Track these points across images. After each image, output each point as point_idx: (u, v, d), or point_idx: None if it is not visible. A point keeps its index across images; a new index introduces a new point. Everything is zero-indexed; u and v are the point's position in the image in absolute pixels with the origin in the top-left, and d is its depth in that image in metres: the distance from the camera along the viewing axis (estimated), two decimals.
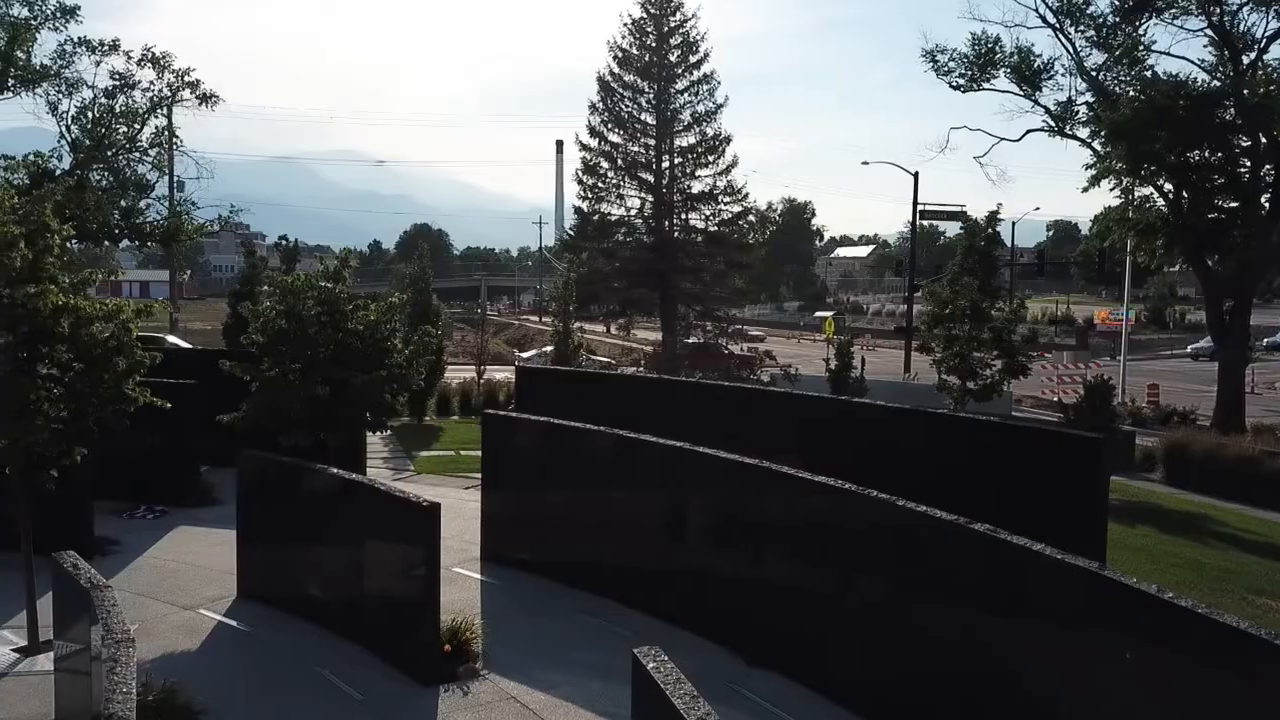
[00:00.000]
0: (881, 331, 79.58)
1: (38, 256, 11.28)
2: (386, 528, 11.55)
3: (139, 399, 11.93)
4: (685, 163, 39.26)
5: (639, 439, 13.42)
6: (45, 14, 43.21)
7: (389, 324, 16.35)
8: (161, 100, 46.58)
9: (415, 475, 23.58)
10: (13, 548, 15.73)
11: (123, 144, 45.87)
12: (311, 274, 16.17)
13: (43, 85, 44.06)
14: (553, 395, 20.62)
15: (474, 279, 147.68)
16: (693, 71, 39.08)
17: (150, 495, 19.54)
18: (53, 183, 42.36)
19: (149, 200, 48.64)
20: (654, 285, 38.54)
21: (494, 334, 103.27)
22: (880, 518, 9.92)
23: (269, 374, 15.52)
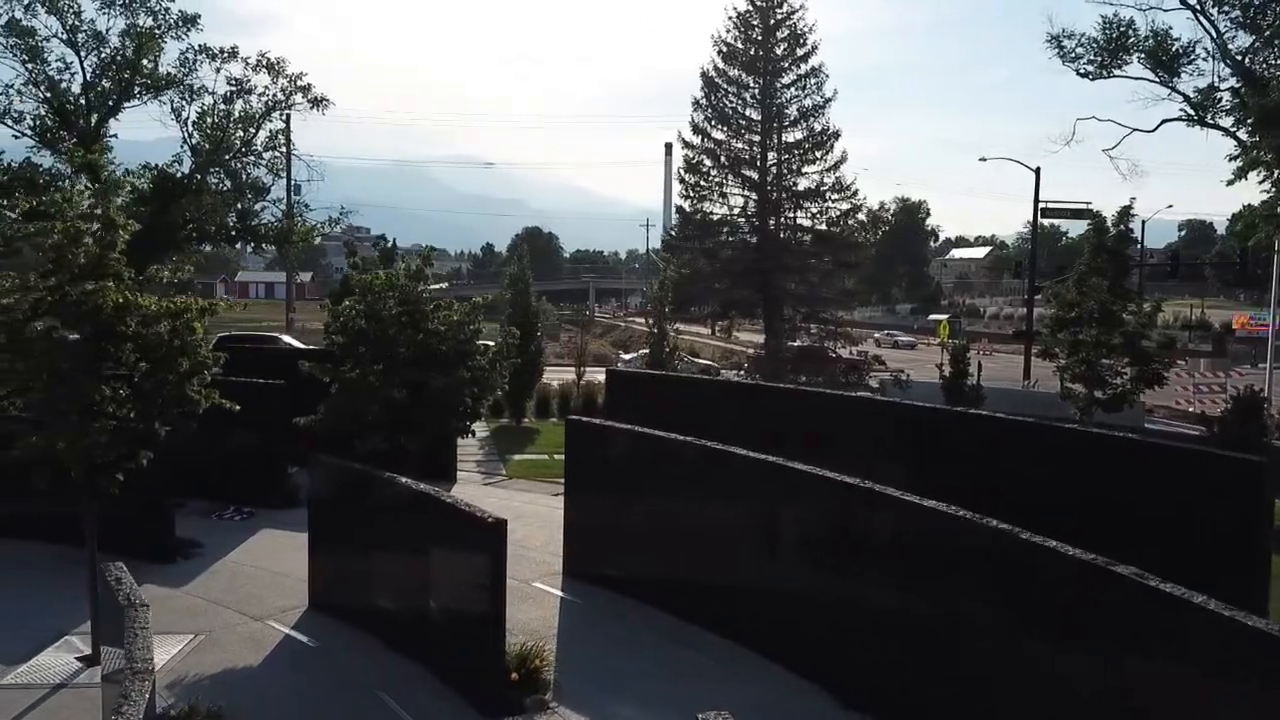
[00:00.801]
0: (999, 335, 76.30)
1: (103, 252, 10.90)
2: (453, 543, 10.77)
3: (202, 401, 11.43)
4: (791, 159, 37.87)
5: (729, 451, 12.33)
6: (168, 23, 44.71)
7: (472, 325, 15.68)
8: (276, 104, 47.69)
9: (506, 480, 22.98)
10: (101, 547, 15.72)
11: (239, 148, 47.20)
12: (393, 273, 15.61)
13: (167, 93, 45.71)
14: (643, 400, 19.64)
15: (582, 281, 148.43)
16: (800, 65, 37.69)
17: (239, 496, 19.39)
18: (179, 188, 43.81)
19: (265, 203, 50.10)
20: (757, 286, 37.26)
21: (600, 335, 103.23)
22: (1000, 550, 8.62)
23: (348, 375, 15.02)
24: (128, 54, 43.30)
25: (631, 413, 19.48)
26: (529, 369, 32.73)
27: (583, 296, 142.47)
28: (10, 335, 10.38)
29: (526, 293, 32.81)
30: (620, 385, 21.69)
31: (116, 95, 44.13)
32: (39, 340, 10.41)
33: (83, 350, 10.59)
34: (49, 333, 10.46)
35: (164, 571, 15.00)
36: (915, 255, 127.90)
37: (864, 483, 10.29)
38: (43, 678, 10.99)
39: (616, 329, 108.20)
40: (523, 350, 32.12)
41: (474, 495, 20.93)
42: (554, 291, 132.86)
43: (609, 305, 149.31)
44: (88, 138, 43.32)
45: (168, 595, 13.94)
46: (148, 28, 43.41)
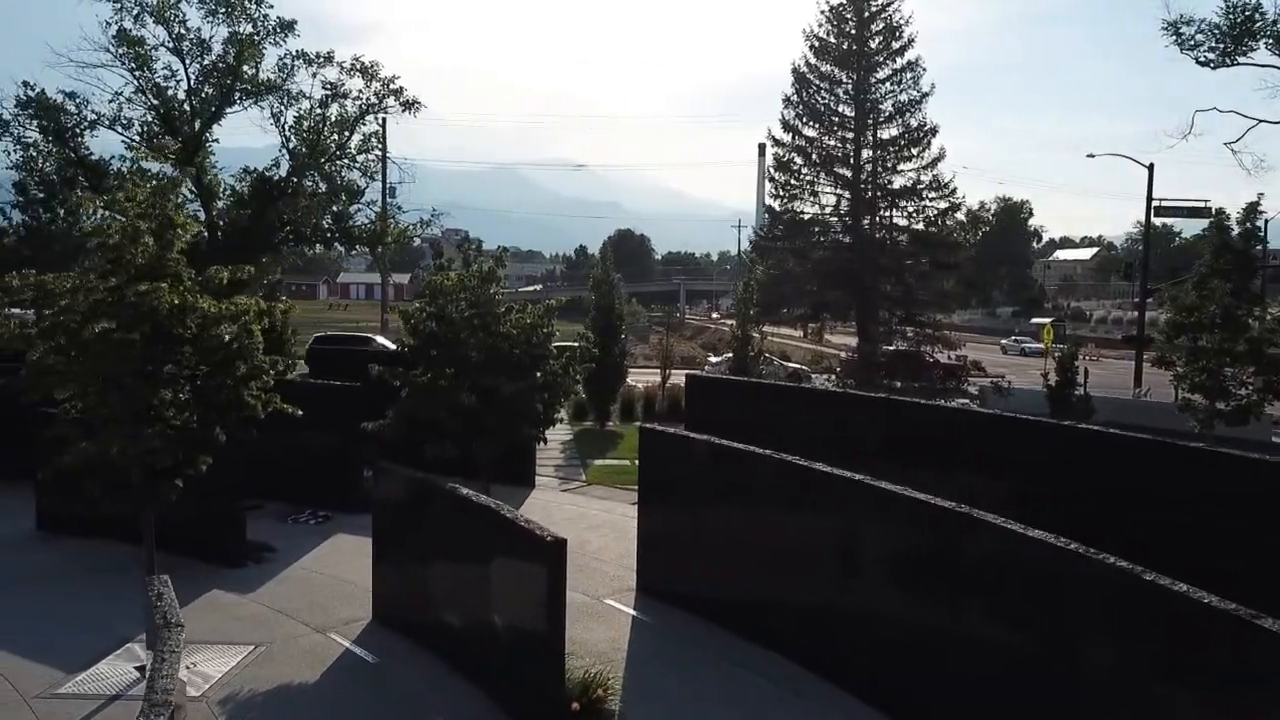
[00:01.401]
0: (1107, 340, 73.03)
1: (161, 252, 10.61)
2: (512, 560, 10.15)
3: (259, 407, 11.06)
4: (886, 156, 36.48)
5: (811, 468, 11.43)
6: (267, 29, 45.64)
7: (545, 328, 15.12)
8: (369, 108, 48.32)
9: (584, 486, 22.38)
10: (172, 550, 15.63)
11: (333, 151, 47.93)
12: (464, 273, 15.14)
13: (267, 98, 46.69)
14: (724, 408, 18.76)
15: (673, 283, 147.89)
16: (895, 59, 36.27)
17: (316, 499, 19.21)
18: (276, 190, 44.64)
19: (359, 205, 50.82)
20: (850, 287, 36.00)
21: (690, 337, 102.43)
22: (1119, 592, 7.58)
23: (418, 379, 14.60)
24: (229, 61, 44.43)
25: (712, 420, 18.67)
26: (613, 372, 32.19)
27: (674, 298, 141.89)
28: (68, 337, 10.16)
29: (610, 294, 32.25)
30: (701, 391, 20.81)
31: (218, 101, 45.24)
32: (95, 342, 10.17)
33: (139, 353, 10.31)
34: (105, 335, 10.21)
35: (234, 577, 14.79)
36: (1017, 256, 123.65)
37: (958, 507, 9.31)
38: (98, 688, 10.74)
39: (707, 331, 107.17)
40: (606, 353, 31.64)
41: (550, 502, 20.45)
42: (645, 293, 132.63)
43: (700, 307, 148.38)
44: (191, 143, 44.59)
45: (234, 602, 13.69)
46: (247, 34, 44.49)
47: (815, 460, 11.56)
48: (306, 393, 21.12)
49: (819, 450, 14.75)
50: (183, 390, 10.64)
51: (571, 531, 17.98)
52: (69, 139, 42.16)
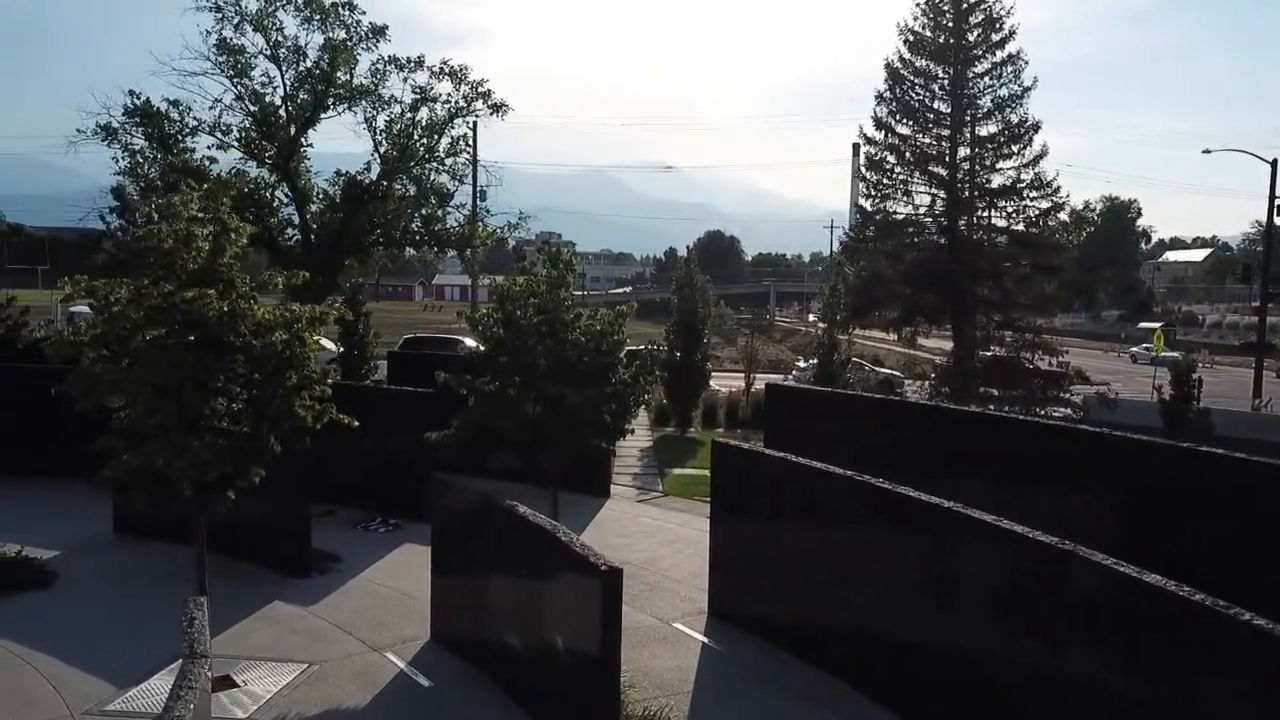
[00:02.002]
0: (1221, 347, 69.27)
1: (213, 257, 10.28)
2: (567, 586, 9.48)
3: (308, 418, 10.63)
4: (984, 154, 34.75)
5: (895, 492, 10.49)
6: (359, 35, 46.27)
7: (615, 335, 14.47)
8: (458, 111, 48.62)
9: (661, 497, 21.66)
10: (241, 556, 15.45)
11: (422, 155, 48.34)
12: (534, 278, 14.58)
13: (360, 103, 47.34)
14: (806, 420, 17.76)
15: (763, 285, 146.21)
16: (995, 52, 34.55)
17: (387, 506, 18.95)
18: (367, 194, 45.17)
19: (448, 209, 51.17)
20: (944, 291, 34.42)
21: (779, 340, 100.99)
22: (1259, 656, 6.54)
23: (486, 387, 14.10)
24: (324, 66, 45.16)
25: (793, 433, 17.78)
26: (695, 377, 31.46)
27: (763, 300, 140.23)
28: (118, 345, 9.89)
29: (693, 298, 31.49)
30: (781, 401, 19.72)
31: (312, 107, 46.06)
32: (146, 350, 9.87)
33: (190, 361, 9.98)
34: (156, 342, 9.91)
35: (297, 587, 14.50)
36: (1124, 258, 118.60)
37: (1060, 543, 8.29)
38: (146, 705, 10.45)
39: (796, 334, 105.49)
40: (688, 358, 30.92)
41: (624, 514, 19.79)
42: (734, 295, 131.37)
43: (791, 309, 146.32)
44: (287, 148, 45.45)
45: (294, 615, 13.37)
46: (341, 40, 45.13)
47: (906, 480, 10.63)
48: (379, 398, 21.02)
49: (910, 468, 13.80)
50: (237, 399, 10.29)
51: (644, 546, 17.37)
52: (172, 145, 43.49)
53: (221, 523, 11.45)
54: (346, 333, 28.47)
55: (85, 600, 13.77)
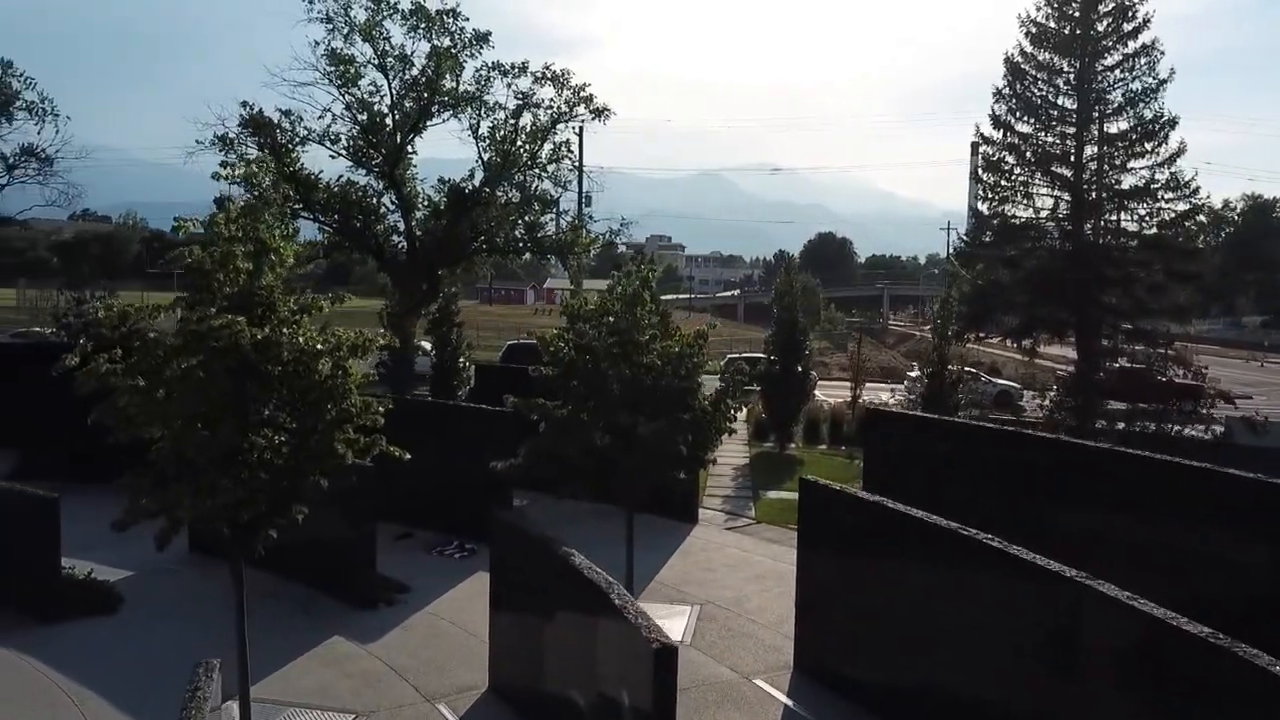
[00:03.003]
0: None
1: (250, 281, 9.57)
2: (620, 652, 8.40)
3: (349, 454, 9.81)
4: (1113, 153, 32.26)
5: (1007, 553, 9.06)
6: (463, 42, 46.35)
7: (695, 357, 13.32)
8: (560, 117, 48.27)
9: (752, 525, 20.35)
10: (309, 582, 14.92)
11: (525, 161, 48.11)
12: (610, 294, 13.54)
13: (465, 110, 47.45)
14: (911, 452, 16.18)
15: (876, 288, 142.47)
16: (1126, 43, 32.05)
17: (465, 529, 18.23)
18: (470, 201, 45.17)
19: (551, 215, 50.86)
20: (1067, 300, 32.08)
21: (893, 345, 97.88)
22: None
23: (556, 412, 13.14)
24: (429, 74, 45.38)
25: (895, 462, 16.36)
26: (796, 390, 29.98)
27: (876, 303, 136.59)
28: (150, 375, 9.26)
29: (794, 306, 30.02)
30: (882, 428, 17.89)
31: (418, 114, 46.36)
32: (177, 381, 9.22)
33: (226, 391, 9.28)
34: (189, 372, 9.25)
35: (360, 621, 13.83)
36: (1268, 261, 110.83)
37: (1214, 636, 6.80)
38: None
39: (910, 338, 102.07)
40: (789, 370, 29.49)
41: (710, 543, 18.58)
42: (845, 299, 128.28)
43: (905, 312, 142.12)
44: (393, 156, 45.81)
45: (351, 654, 12.67)
46: (445, 48, 45.26)
47: (1021, 521, 9.23)
48: (457, 416, 20.35)
49: (1025, 508, 12.33)
50: (280, 431, 9.57)
51: (730, 582, 16.16)
52: (283, 155, 44.31)
53: (288, 543, 10.76)
54: (439, 343, 28.12)
55: (146, 630, 13.39)
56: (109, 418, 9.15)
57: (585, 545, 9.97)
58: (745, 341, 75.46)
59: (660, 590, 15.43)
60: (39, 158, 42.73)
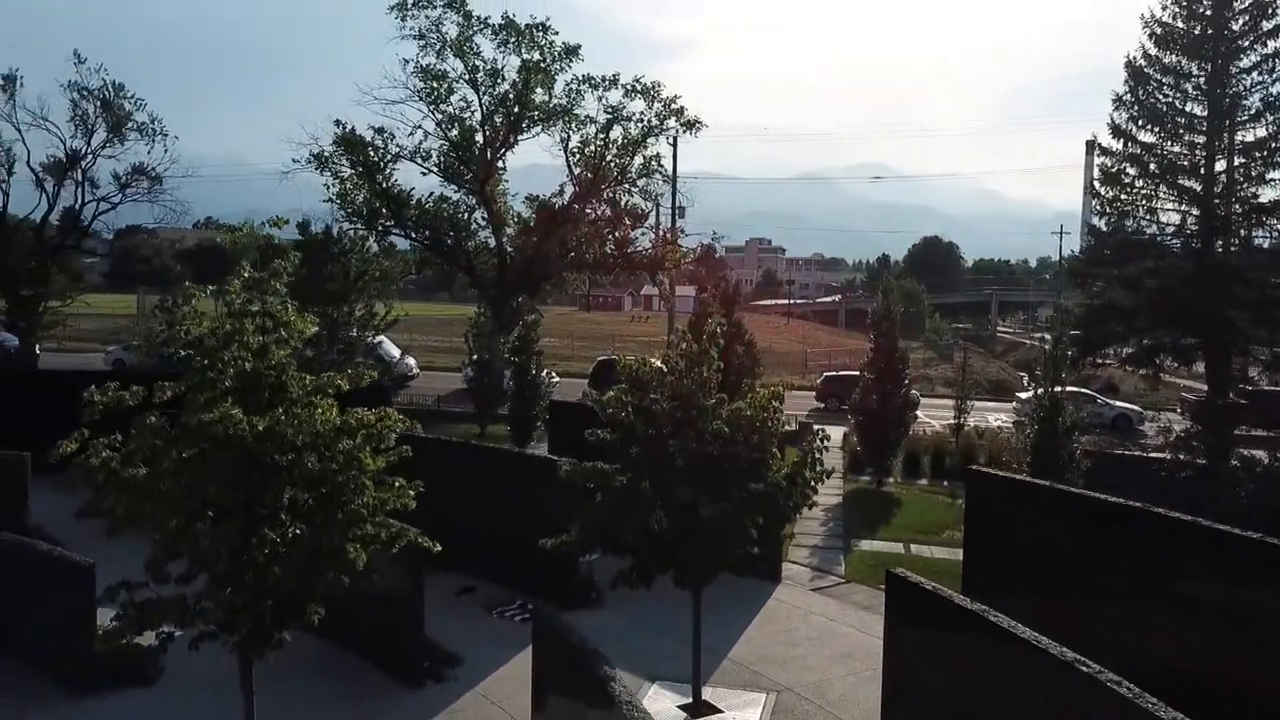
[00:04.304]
0: None
1: (256, 361, 8.56)
2: None
3: (359, 560, 8.71)
4: (1250, 164, 29.37)
5: (1134, 703, 7.38)
6: (553, 56, 45.74)
7: (770, 421, 11.87)
8: (650, 129, 47.23)
9: (841, 585, 18.61)
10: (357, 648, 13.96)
11: (615, 175, 47.18)
12: (672, 356, 12.16)
13: (555, 124, 46.85)
14: (1018, 520, 14.23)
15: (984, 293, 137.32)
16: (1265, 42, 29.06)
17: (528, 585, 17.14)
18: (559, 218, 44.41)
19: (643, 229, 49.81)
20: (1196, 323, 29.34)
21: (1002, 354, 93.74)
22: None
23: (614, 483, 11.88)
24: (519, 89, 44.88)
25: (1001, 533, 14.50)
26: (895, 423, 28.08)
27: (984, 309, 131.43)
28: (149, 466, 8.34)
29: (893, 333, 28.14)
30: (986, 494, 15.23)
31: (507, 129, 45.90)
32: (171, 474, 8.27)
33: (226, 485, 8.31)
34: (187, 464, 8.29)
35: (403, 703, 12.81)
36: None
37: None
38: None
39: (1021, 346, 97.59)
40: (887, 401, 27.63)
41: (793, 609, 16.95)
42: (950, 304, 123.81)
43: (1015, 318, 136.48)
44: (483, 171, 45.43)
45: None
46: (535, 61, 44.68)
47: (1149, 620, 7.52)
48: (521, 464, 19.18)
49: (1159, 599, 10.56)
50: (294, 525, 8.56)
51: (813, 661, 14.57)
52: (376, 173, 44.35)
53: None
54: (518, 372, 27.24)
55: (183, 706, 12.59)
56: (94, 511, 8.26)
57: (655, 608, 8.81)
58: (845, 351, 72.90)
59: (734, 672, 14.00)
60: (149, 176, 43.65)
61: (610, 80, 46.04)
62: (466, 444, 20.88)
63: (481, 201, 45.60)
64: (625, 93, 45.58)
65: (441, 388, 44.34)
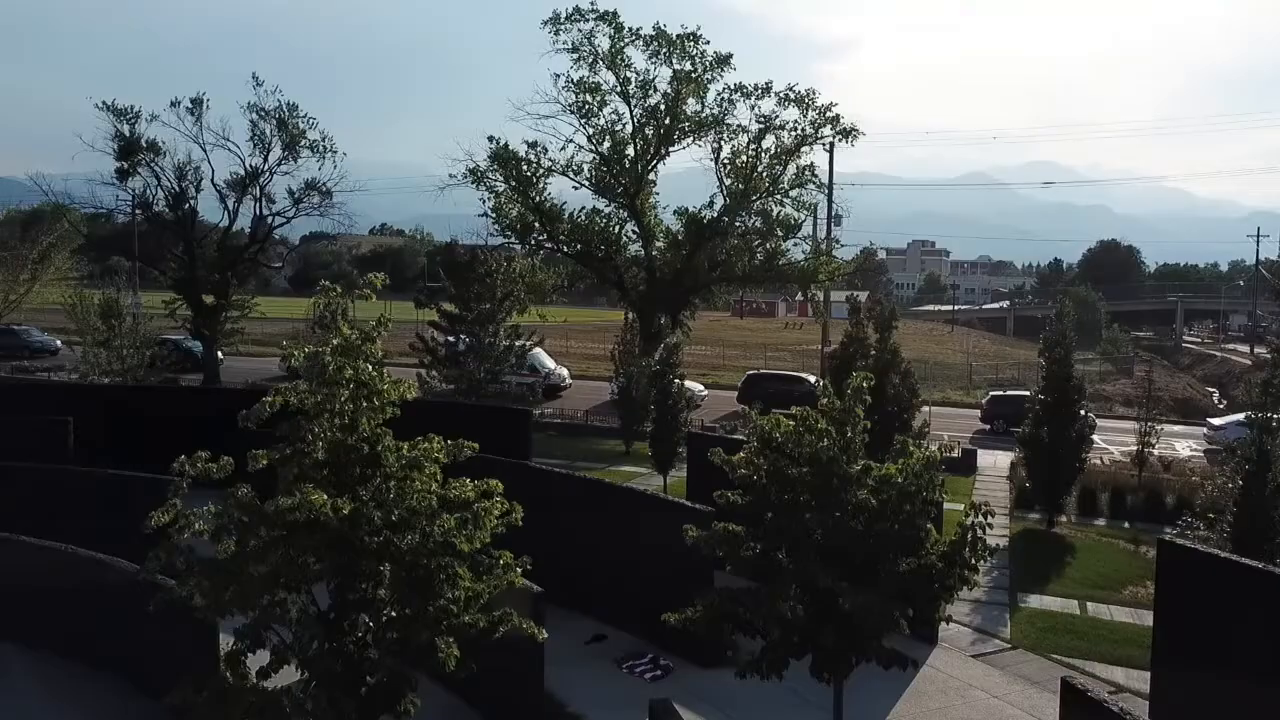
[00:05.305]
0: None
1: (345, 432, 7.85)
2: None
3: (450, 659, 7.87)
4: None
5: None
6: (705, 65, 44.95)
7: (924, 492, 10.44)
8: (804, 139, 45.67)
9: (1005, 650, 16.73)
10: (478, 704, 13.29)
11: (767, 187, 45.87)
12: (811, 413, 10.86)
13: (706, 135, 46.05)
14: (1227, 612, 11.94)
15: (1168, 300, 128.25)
16: None
17: (663, 637, 16.08)
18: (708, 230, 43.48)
19: (795, 240, 48.30)
20: None
21: (1188, 367, 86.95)
22: None
23: (745, 554, 10.75)
24: (670, 100, 44.27)
25: (1207, 627, 12.34)
26: (1069, 456, 25.64)
27: (1167, 318, 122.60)
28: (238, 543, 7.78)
29: (1068, 359, 25.74)
30: (1184, 577, 12.35)
31: (658, 141, 45.32)
32: (253, 556, 7.67)
33: (310, 569, 7.66)
34: (271, 545, 7.68)
35: None
36: None
37: None
38: None
39: (1210, 360, 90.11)
40: (1060, 435, 25.28)
41: (948, 683, 15.19)
42: (1131, 313, 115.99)
43: (1203, 327, 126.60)
44: (634, 184, 45.00)
45: None
46: (686, 72, 43.96)
47: None
48: (655, 507, 18.13)
49: None
50: (387, 610, 7.85)
51: None
52: (529, 188, 44.61)
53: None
54: (660, 397, 26.34)
55: None
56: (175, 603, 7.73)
57: (799, 665, 7.67)
58: (1013, 364, 68.84)
59: None
60: (320, 191, 45.75)
61: (763, 89, 44.79)
62: (604, 483, 20.11)
63: (632, 215, 45.20)
64: (779, 101, 44.31)
65: (594, 398, 44.09)
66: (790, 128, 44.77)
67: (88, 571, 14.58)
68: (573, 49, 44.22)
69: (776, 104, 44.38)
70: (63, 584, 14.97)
